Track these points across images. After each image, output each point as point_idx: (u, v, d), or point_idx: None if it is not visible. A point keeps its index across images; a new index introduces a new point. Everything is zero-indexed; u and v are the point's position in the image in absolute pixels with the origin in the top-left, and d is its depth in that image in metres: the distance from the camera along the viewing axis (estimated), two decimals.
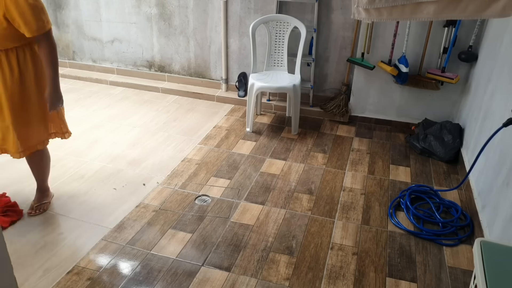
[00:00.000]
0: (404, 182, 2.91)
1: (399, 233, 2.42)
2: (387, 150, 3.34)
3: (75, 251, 2.20)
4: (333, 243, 2.33)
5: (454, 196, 2.76)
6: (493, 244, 1.45)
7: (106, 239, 2.29)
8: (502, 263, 1.35)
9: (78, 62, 4.70)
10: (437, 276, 2.12)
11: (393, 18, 1.97)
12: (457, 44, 3.25)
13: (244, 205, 2.61)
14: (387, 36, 3.43)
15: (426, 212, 2.56)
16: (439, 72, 3.34)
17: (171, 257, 2.18)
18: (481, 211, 2.42)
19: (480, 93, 2.94)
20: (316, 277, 2.09)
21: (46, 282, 2.00)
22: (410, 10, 1.90)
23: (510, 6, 1.80)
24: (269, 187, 2.81)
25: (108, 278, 2.04)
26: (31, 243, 2.24)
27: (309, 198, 2.71)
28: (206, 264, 2.15)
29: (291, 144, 3.39)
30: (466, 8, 1.84)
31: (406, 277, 2.11)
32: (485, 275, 1.29)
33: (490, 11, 1.84)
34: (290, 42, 3.63)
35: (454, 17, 1.89)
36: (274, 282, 2.06)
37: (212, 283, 2.04)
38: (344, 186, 2.85)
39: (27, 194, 2.62)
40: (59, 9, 4.47)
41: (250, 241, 2.32)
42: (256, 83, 3.40)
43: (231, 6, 3.87)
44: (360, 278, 2.10)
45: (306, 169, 3.04)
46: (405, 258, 2.24)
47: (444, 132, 3.26)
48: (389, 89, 3.62)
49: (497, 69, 2.65)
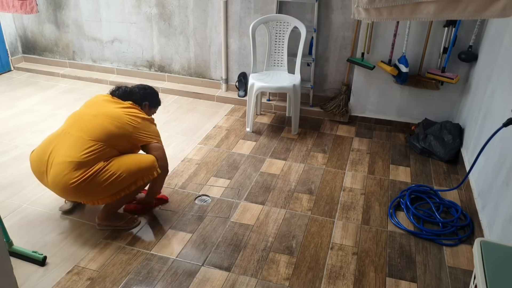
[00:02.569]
0: (404, 182, 2.91)
1: (399, 233, 2.42)
2: (387, 150, 3.34)
3: (75, 251, 2.20)
4: (333, 243, 2.33)
5: (454, 196, 2.76)
6: (493, 244, 1.45)
7: (107, 239, 2.29)
8: (502, 263, 1.35)
9: (78, 62, 4.70)
10: (437, 276, 2.12)
11: (393, 18, 1.98)
12: (457, 44, 3.25)
13: (244, 205, 2.61)
14: (387, 36, 3.42)
15: (426, 212, 2.56)
16: (439, 72, 3.33)
17: (171, 257, 2.18)
18: (481, 211, 2.42)
19: (480, 93, 2.94)
20: (316, 277, 2.09)
21: (46, 282, 2.00)
22: (410, 10, 1.90)
23: (510, 6, 1.80)
24: (269, 187, 2.81)
25: (108, 278, 2.04)
26: (31, 243, 2.23)
27: (309, 198, 2.71)
28: (206, 264, 2.15)
29: (291, 144, 3.39)
30: (466, 8, 1.84)
31: (406, 277, 2.11)
32: (485, 275, 1.29)
33: (490, 11, 1.84)
34: (290, 42, 3.63)
35: (454, 17, 1.89)
36: (274, 282, 2.06)
37: (212, 283, 2.04)
38: (344, 186, 2.85)
39: (26, 194, 2.63)
40: (59, 9, 4.46)
41: (250, 241, 2.32)
42: (256, 83, 3.40)
43: (231, 6, 3.87)
44: (360, 278, 2.10)
45: (306, 169, 3.04)
46: (405, 258, 2.24)
47: (444, 132, 3.26)
48: (389, 89, 3.62)
49: (497, 69, 2.65)
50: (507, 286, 1.19)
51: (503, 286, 1.24)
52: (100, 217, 2.33)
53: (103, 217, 2.33)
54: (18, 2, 3.82)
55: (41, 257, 2.10)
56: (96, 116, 2.23)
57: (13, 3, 3.83)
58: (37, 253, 2.11)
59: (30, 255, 2.11)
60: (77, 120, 2.26)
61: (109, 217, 2.34)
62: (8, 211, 2.47)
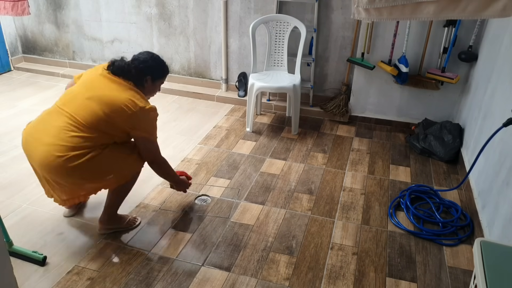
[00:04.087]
0: (404, 182, 2.91)
1: (399, 233, 2.42)
2: (387, 150, 3.34)
3: (75, 251, 2.20)
4: (333, 243, 2.33)
5: (454, 196, 2.76)
6: (493, 244, 1.45)
7: (107, 239, 2.29)
8: (502, 263, 1.35)
9: (78, 62, 4.70)
10: (437, 276, 2.12)
11: (393, 18, 1.97)
12: (457, 44, 3.25)
13: (244, 205, 2.61)
14: (387, 36, 3.42)
15: (426, 212, 2.56)
16: (439, 72, 3.33)
17: (171, 257, 2.18)
18: (481, 211, 2.42)
19: (480, 93, 2.94)
20: (316, 277, 2.09)
21: (46, 282, 2.00)
22: (410, 10, 1.90)
23: (510, 6, 1.80)
24: (269, 187, 2.81)
25: (108, 278, 2.04)
26: (31, 243, 2.23)
27: (309, 198, 2.71)
28: (206, 264, 2.15)
29: (291, 144, 3.39)
30: (466, 8, 1.84)
31: (406, 277, 2.11)
32: (485, 275, 1.29)
33: (490, 11, 1.83)
34: (290, 42, 3.63)
35: (454, 17, 1.89)
36: (274, 282, 2.06)
37: (212, 283, 2.04)
38: (344, 186, 2.85)
39: (26, 195, 2.63)
40: (59, 9, 4.46)
41: (250, 241, 2.32)
42: (256, 83, 3.40)
43: (231, 6, 3.87)
44: (360, 278, 2.10)
45: (306, 169, 3.04)
46: (405, 258, 2.24)
47: (444, 132, 3.26)
48: (389, 89, 3.62)
49: (497, 69, 2.65)
50: (508, 286, 1.19)
51: (503, 286, 1.24)
52: (102, 221, 2.32)
53: (104, 220, 2.32)
54: (9, 4, 3.74)
55: (41, 257, 2.09)
56: (90, 99, 2.10)
57: (4, 4, 3.76)
58: (37, 253, 2.11)
59: (30, 255, 2.11)
60: (71, 101, 2.13)
61: (110, 220, 2.33)
62: (8, 211, 2.47)
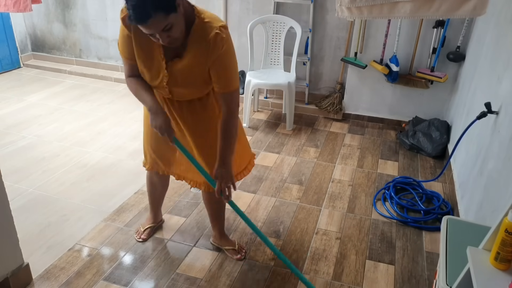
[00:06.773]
0: (391, 175, 3.04)
1: (382, 221, 2.56)
2: (377, 146, 3.47)
3: (76, 231, 2.36)
4: (318, 228, 2.47)
5: (438, 188, 2.88)
6: (457, 220, 1.64)
7: (106, 221, 2.45)
8: (461, 235, 1.53)
9: (84, 60, 4.89)
10: (414, 260, 2.25)
11: (373, 16, 2.12)
12: (446, 44, 3.39)
13: (236, 193, 2.75)
14: (379, 36, 3.57)
15: (409, 202, 2.69)
16: (428, 71, 3.47)
17: (165, 238, 2.34)
18: (460, 201, 2.55)
19: (465, 91, 3.06)
20: (300, 258, 2.23)
21: (49, 257, 2.16)
22: (388, 8, 2.05)
23: (480, 6, 1.94)
24: (262, 177, 2.95)
25: (106, 255, 2.20)
26: (36, 223, 2.40)
27: (299, 188, 2.85)
28: (197, 245, 2.30)
29: (286, 139, 3.53)
30: (440, 8, 1.98)
31: (384, 259, 2.25)
32: (446, 244, 1.46)
33: (462, 10, 1.98)
34: (287, 42, 3.78)
35: (429, 16, 2.04)
36: (260, 261, 2.20)
37: (202, 261, 2.18)
38: (333, 178, 2.99)
39: (33, 180, 2.79)
40: (67, 9, 4.66)
41: (240, 225, 2.46)
42: (252, 80, 3.55)
43: (230, 6, 4.03)
44: (341, 260, 2.23)
45: (298, 162, 3.18)
46: (385, 243, 2.37)
47: (432, 129, 3.39)
48: (382, 87, 3.76)
49: (479, 67, 2.78)
50: (462, 251, 1.33)
51: (459, 251, 1.40)
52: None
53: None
54: (11, 1, 3.64)
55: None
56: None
57: (5, 1, 3.65)
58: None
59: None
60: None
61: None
62: (15, 194, 2.64)
